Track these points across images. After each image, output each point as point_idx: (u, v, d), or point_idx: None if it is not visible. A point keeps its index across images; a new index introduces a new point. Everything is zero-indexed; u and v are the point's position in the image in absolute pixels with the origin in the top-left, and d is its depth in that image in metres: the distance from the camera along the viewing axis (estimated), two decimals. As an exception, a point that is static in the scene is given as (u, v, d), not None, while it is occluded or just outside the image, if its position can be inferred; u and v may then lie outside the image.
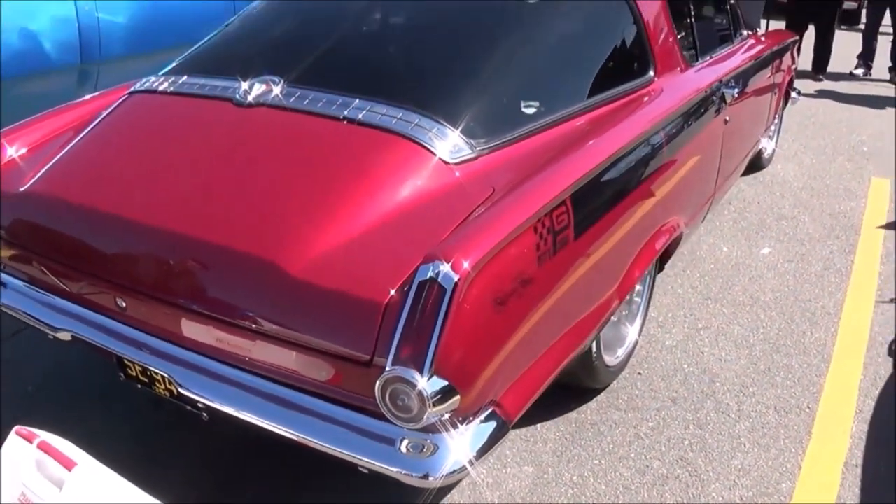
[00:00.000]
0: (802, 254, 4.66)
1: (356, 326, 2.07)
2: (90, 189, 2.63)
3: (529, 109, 2.76)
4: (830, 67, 9.20)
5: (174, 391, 2.40)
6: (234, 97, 2.74)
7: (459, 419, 2.06)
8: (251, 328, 2.22)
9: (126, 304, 2.47)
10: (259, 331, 2.21)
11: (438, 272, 1.97)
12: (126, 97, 3.04)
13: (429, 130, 2.48)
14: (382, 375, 1.97)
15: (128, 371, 2.53)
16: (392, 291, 2.04)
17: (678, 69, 3.56)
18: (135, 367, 2.49)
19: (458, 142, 2.49)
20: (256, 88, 2.73)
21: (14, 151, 2.86)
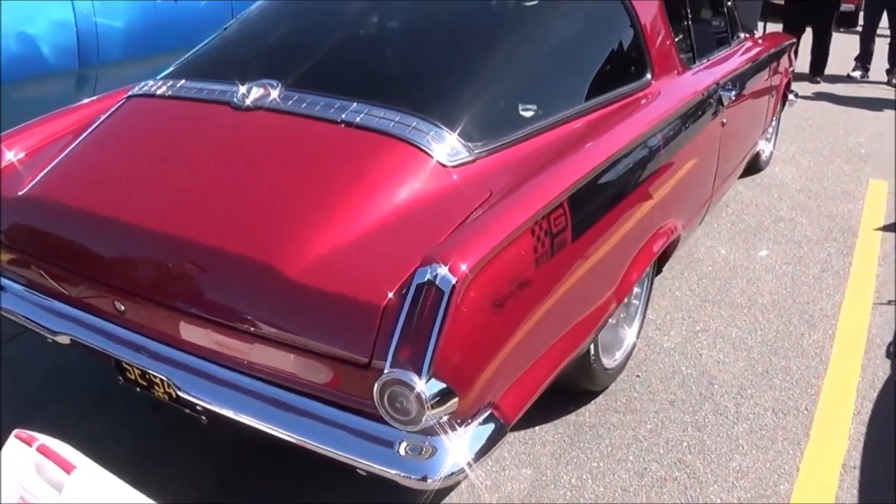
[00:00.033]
0: (800, 256, 4.67)
1: (354, 329, 2.08)
2: (89, 193, 2.64)
3: (527, 112, 2.77)
4: (828, 70, 9.22)
5: (173, 394, 2.40)
6: (232, 101, 2.74)
7: (458, 421, 2.06)
8: (250, 331, 2.22)
9: (125, 308, 2.47)
10: (257, 334, 2.21)
11: (436, 275, 1.97)
12: (124, 101, 3.04)
13: (426, 133, 2.49)
14: (381, 378, 1.97)
15: (127, 374, 2.54)
16: (390, 294, 2.05)
17: (675, 72, 3.57)
18: (133, 371, 2.49)
19: (456, 145, 2.49)
20: (254, 92, 2.73)
21: (13, 155, 2.87)
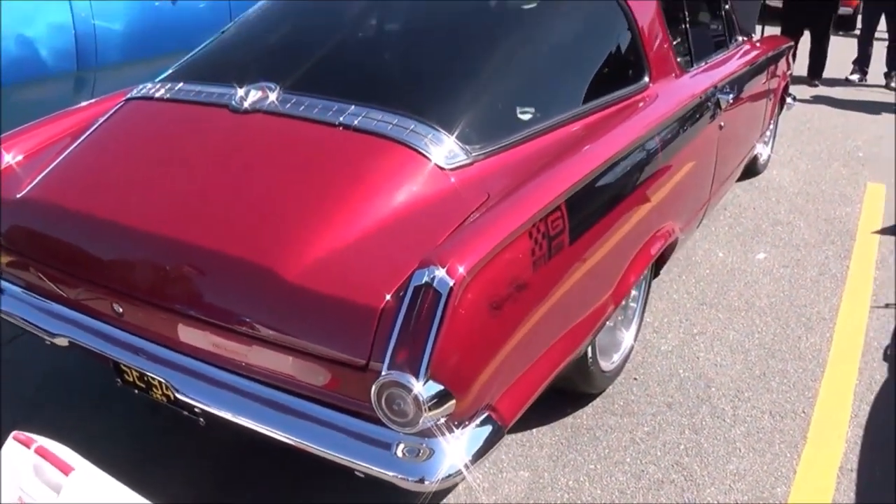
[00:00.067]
0: (798, 259, 4.67)
1: (352, 331, 2.08)
2: (87, 195, 2.64)
3: (525, 115, 2.78)
4: (826, 73, 9.23)
5: (171, 396, 2.41)
6: (230, 104, 2.75)
7: (455, 423, 2.07)
8: (248, 333, 2.23)
9: (123, 310, 2.48)
10: (256, 336, 2.22)
11: (434, 277, 1.98)
12: (122, 104, 3.04)
13: (424, 136, 2.49)
14: (378, 380, 1.98)
15: (125, 377, 2.54)
16: (388, 296, 2.05)
17: (673, 75, 3.57)
18: (132, 373, 2.50)
19: (454, 147, 2.50)
20: (252, 95, 2.74)
21: (11, 158, 2.87)
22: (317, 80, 2.87)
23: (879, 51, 9.34)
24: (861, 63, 9.46)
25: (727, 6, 4.61)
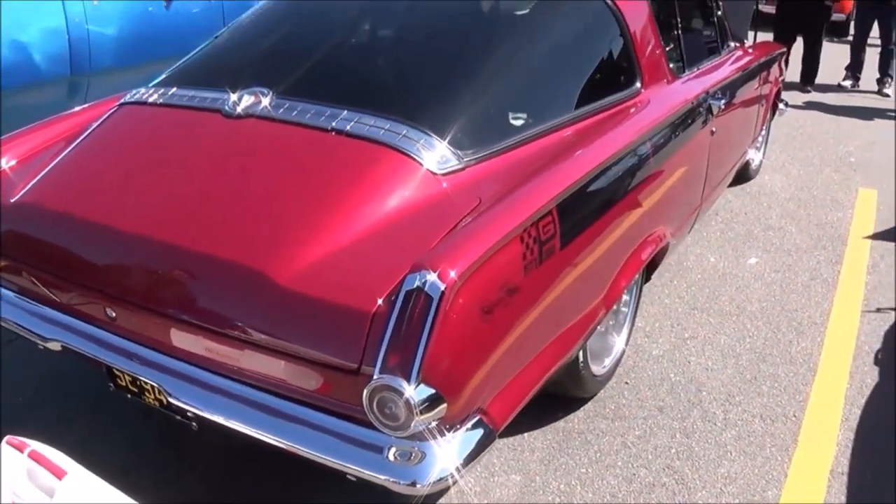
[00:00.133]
0: (789, 264, 4.69)
1: (344, 335, 2.09)
2: (80, 200, 2.64)
3: (517, 121, 2.79)
4: (818, 79, 9.25)
5: (164, 401, 2.41)
6: (224, 109, 2.76)
7: (446, 427, 2.08)
8: (240, 338, 2.23)
9: (116, 315, 2.48)
10: (248, 340, 2.22)
11: (425, 281, 1.99)
12: (116, 109, 3.05)
13: (416, 141, 2.50)
14: (370, 384, 1.99)
15: (118, 381, 2.54)
16: (380, 301, 2.06)
17: (665, 80, 3.59)
18: (124, 377, 2.50)
19: (446, 153, 2.51)
20: (245, 100, 2.74)
21: (4, 163, 2.87)
22: (309, 86, 2.88)
23: (872, 57, 9.37)
24: (854, 69, 9.48)
25: (719, 12, 4.64)
